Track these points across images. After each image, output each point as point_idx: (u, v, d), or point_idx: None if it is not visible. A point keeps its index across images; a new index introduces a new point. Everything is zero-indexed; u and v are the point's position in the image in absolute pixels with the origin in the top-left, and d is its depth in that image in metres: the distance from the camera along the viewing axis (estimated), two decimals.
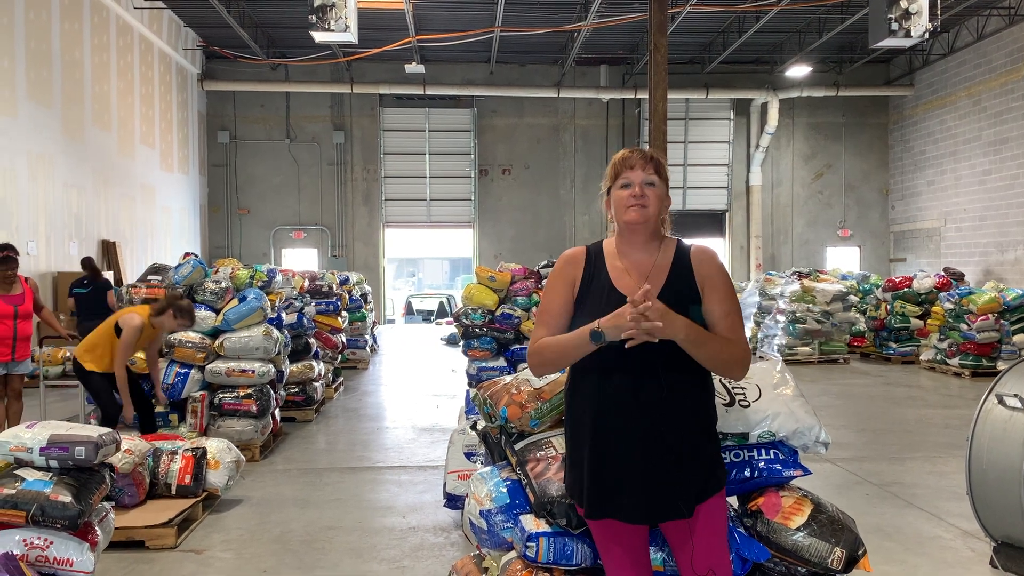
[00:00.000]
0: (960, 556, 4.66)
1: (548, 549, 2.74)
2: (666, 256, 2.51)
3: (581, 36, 18.49)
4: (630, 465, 2.38)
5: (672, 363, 2.37)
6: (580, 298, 2.50)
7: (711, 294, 2.45)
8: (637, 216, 2.45)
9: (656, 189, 2.48)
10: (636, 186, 2.46)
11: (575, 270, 2.55)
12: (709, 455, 2.48)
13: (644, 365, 2.36)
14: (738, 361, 2.40)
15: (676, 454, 2.38)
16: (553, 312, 2.52)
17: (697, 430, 2.44)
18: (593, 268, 2.53)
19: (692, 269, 2.47)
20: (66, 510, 3.34)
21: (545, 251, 21.23)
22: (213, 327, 6.96)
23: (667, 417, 2.37)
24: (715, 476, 2.48)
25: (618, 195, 2.51)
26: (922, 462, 6.87)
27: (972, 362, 12.04)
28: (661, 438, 2.37)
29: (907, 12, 13.58)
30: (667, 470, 2.38)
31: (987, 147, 18.93)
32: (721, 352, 2.36)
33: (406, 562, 4.58)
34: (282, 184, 22.50)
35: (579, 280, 2.52)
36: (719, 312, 2.43)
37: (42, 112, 12.96)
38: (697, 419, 2.45)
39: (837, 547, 2.76)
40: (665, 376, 2.37)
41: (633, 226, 2.48)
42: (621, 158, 2.53)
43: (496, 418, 3.16)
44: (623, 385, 2.39)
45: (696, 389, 2.45)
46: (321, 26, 13.29)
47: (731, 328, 2.42)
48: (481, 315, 8.37)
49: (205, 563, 4.58)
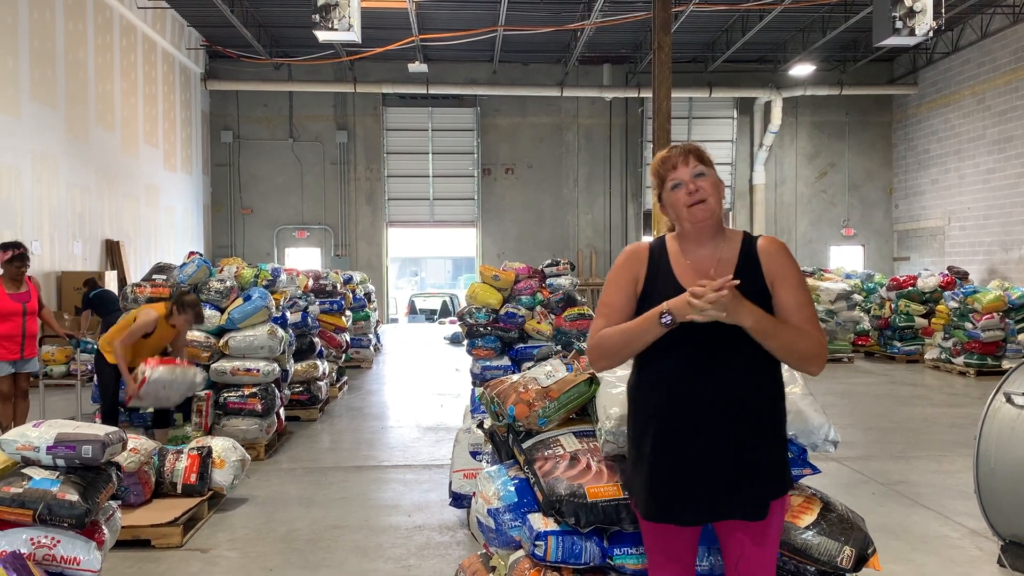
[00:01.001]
0: (968, 555, 4.64)
1: (557, 548, 2.73)
2: (731, 250, 2.42)
3: (584, 35, 18.47)
4: (694, 463, 2.31)
5: (741, 357, 2.30)
6: (644, 295, 2.42)
7: (782, 286, 2.35)
8: (703, 213, 2.37)
9: (708, 178, 2.38)
10: (688, 183, 2.37)
11: (639, 266, 2.46)
12: (777, 456, 2.40)
13: (711, 358, 2.30)
14: (814, 354, 2.30)
15: (743, 452, 2.31)
16: (615, 306, 2.43)
17: (765, 428, 2.36)
18: (656, 264, 2.45)
19: (760, 262, 2.39)
20: (73, 509, 3.33)
21: (548, 250, 21.22)
22: (218, 326, 6.96)
23: (734, 412, 2.30)
24: (781, 479, 2.41)
25: (673, 198, 2.40)
26: (928, 461, 6.85)
27: (977, 361, 12.01)
28: (728, 435, 2.30)
29: (911, 10, 13.56)
30: (733, 469, 2.31)
31: (991, 146, 18.89)
32: (795, 342, 2.27)
33: (412, 561, 4.57)
34: (285, 183, 22.51)
35: (643, 276, 2.44)
36: (793, 304, 2.34)
37: (46, 112, 12.96)
38: (765, 416, 2.36)
39: (847, 546, 2.74)
40: (733, 371, 2.30)
41: (700, 224, 2.39)
42: (661, 160, 2.44)
43: (503, 416, 3.15)
44: (689, 379, 2.32)
45: (767, 386, 2.37)
46: (324, 25, 13.30)
47: (807, 320, 2.32)
48: (485, 314, 8.35)
49: (211, 562, 4.57)
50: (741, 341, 2.27)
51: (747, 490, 2.33)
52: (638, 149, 22.96)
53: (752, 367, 2.33)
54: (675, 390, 2.34)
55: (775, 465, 2.40)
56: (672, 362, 2.35)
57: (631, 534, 2.75)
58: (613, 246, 23.21)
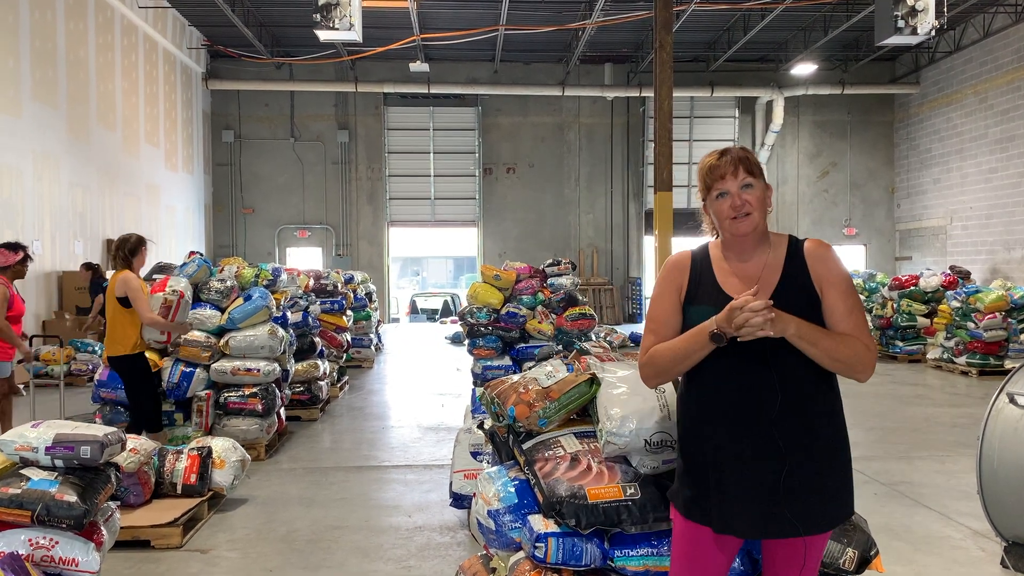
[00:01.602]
0: (970, 556, 4.62)
1: (557, 549, 2.72)
2: (777, 255, 2.37)
3: (586, 34, 18.45)
4: (759, 475, 2.24)
5: (790, 368, 2.24)
6: (688, 304, 2.39)
7: (830, 292, 2.30)
8: (745, 227, 2.32)
9: (755, 191, 2.32)
10: (734, 196, 2.32)
11: (681, 276, 2.43)
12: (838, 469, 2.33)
13: (760, 371, 2.25)
14: (862, 360, 2.24)
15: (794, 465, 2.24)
16: (661, 320, 2.40)
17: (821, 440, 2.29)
18: (699, 273, 2.41)
19: (807, 267, 2.33)
20: (71, 509, 3.32)
21: (550, 250, 21.21)
22: (218, 326, 6.94)
23: (786, 424, 2.23)
24: (840, 499, 2.34)
25: (717, 207, 2.36)
26: (931, 461, 6.83)
27: (979, 361, 11.98)
28: (779, 447, 2.23)
29: (913, 9, 13.53)
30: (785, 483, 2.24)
31: (993, 145, 18.85)
32: (839, 350, 2.20)
33: (412, 562, 4.56)
34: (286, 183, 22.50)
35: (686, 285, 2.41)
36: (842, 310, 2.28)
37: (47, 111, 12.96)
38: (820, 429, 2.29)
39: (849, 548, 2.73)
40: (782, 382, 2.23)
41: (742, 238, 2.35)
42: (709, 168, 2.37)
43: (504, 417, 3.14)
44: (739, 391, 2.27)
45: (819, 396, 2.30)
46: (325, 25, 13.29)
47: (856, 326, 2.27)
48: (487, 314, 8.34)
49: (211, 562, 4.56)
50: (789, 352, 2.22)
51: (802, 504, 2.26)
52: (639, 148, 22.95)
53: (802, 377, 2.27)
54: (725, 401, 2.29)
55: (837, 481, 2.33)
56: (721, 377, 2.30)
57: (632, 536, 2.73)
58: (614, 245, 23.20)
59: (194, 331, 6.80)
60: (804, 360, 2.23)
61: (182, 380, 6.66)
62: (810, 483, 2.26)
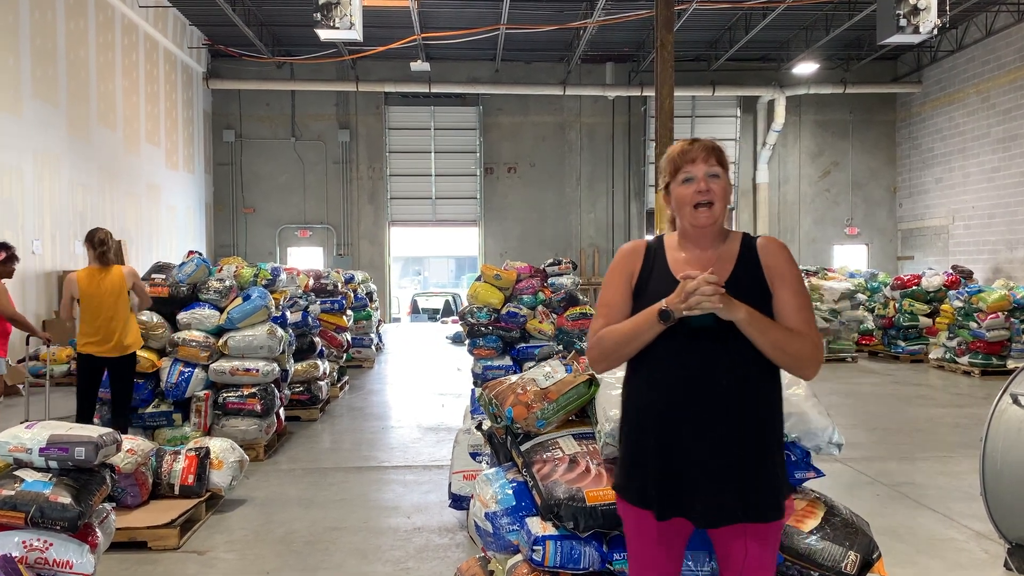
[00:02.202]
0: (974, 558, 4.58)
1: (555, 553, 2.68)
2: (731, 248, 2.39)
3: (587, 33, 18.40)
4: (702, 464, 2.25)
5: (737, 357, 2.25)
6: (639, 290, 2.39)
7: (782, 287, 2.32)
8: (706, 218, 2.33)
9: (720, 181, 2.33)
10: (700, 180, 2.32)
11: (634, 262, 2.44)
12: (774, 459, 2.32)
13: (709, 357, 2.26)
14: (809, 356, 2.26)
15: (744, 452, 2.25)
16: (612, 304, 2.41)
17: (764, 429, 2.30)
18: (653, 260, 2.42)
19: (760, 261, 2.35)
20: (66, 511, 3.30)
21: (551, 249, 21.17)
22: (217, 326, 6.92)
23: (734, 412, 2.25)
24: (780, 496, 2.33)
25: (680, 192, 2.35)
26: (933, 462, 6.79)
27: (982, 360, 11.94)
28: (724, 435, 2.25)
29: (915, 8, 13.50)
30: (735, 469, 2.25)
31: (996, 144, 18.79)
32: (788, 343, 2.22)
33: (411, 564, 4.53)
34: (287, 183, 22.48)
35: (637, 272, 2.42)
36: (793, 305, 2.30)
37: (47, 111, 12.94)
38: (765, 418, 2.31)
39: (851, 551, 2.69)
40: (729, 370, 2.25)
41: (701, 228, 2.35)
42: (680, 151, 2.37)
43: (502, 418, 3.10)
44: (688, 378, 2.27)
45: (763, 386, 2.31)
46: (326, 24, 13.27)
47: (804, 322, 2.28)
48: (487, 313, 8.32)
49: (208, 564, 4.53)
50: (738, 340, 2.23)
51: (760, 491, 2.26)
52: (641, 148, 22.90)
53: (750, 366, 2.27)
54: (674, 390, 2.29)
55: (780, 466, 2.35)
56: (669, 361, 2.30)
57: None
58: (616, 245, 23.14)
59: (193, 331, 6.78)
60: (752, 350, 2.24)
61: (180, 380, 6.64)
62: (756, 471, 2.27)
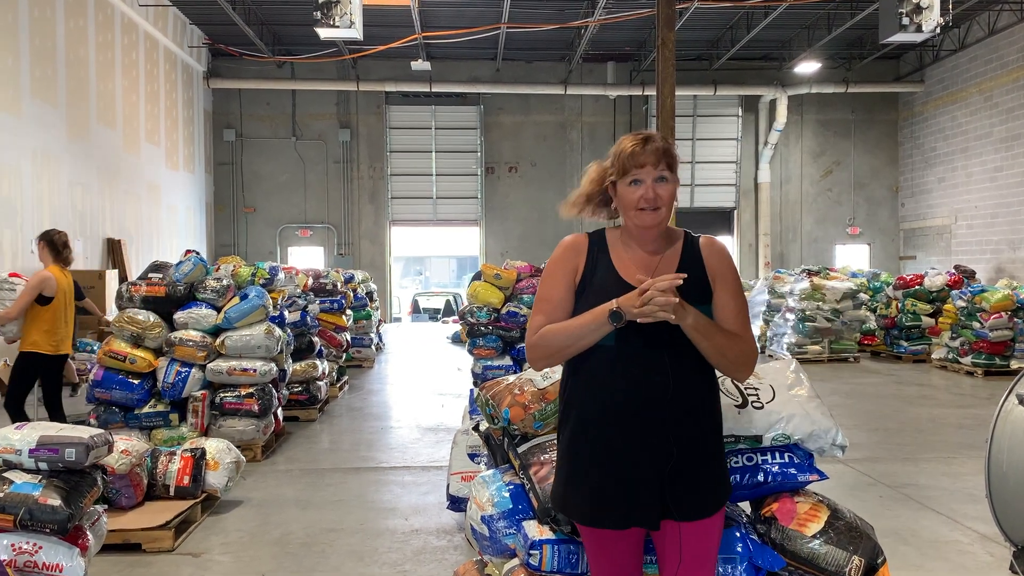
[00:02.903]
0: (979, 561, 4.53)
1: (552, 557, 2.62)
2: (674, 248, 2.37)
3: (588, 32, 18.35)
4: (637, 466, 2.22)
5: (678, 359, 2.23)
6: (582, 287, 2.35)
7: (722, 289, 2.32)
8: (651, 221, 2.29)
9: (669, 185, 2.29)
10: (648, 188, 2.27)
11: (577, 258, 2.39)
12: (716, 460, 2.34)
13: (648, 360, 2.22)
14: (747, 359, 2.28)
15: (682, 453, 2.22)
16: (554, 301, 2.36)
17: (705, 430, 2.30)
18: (596, 257, 2.38)
19: (703, 262, 2.34)
20: (55, 514, 3.24)
21: (552, 249, 20.90)
22: (214, 325, 6.86)
23: (674, 414, 2.22)
24: (719, 489, 2.33)
25: (627, 194, 2.30)
26: (937, 463, 6.73)
27: (985, 361, 11.87)
28: (667, 436, 2.21)
29: (918, 7, 13.44)
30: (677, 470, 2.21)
31: (998, 143, 18.72)
32: (729, 347, 2.23)
33: (408, 566, 4.47)
34: (288, 182, 22.43)
35: (581, 268, 2.37)
36: (733, 308, 2.30)
37: (47, 110, 12.89)
38: (704, 419, 2.30)
39: (855, 555, 2.63)
40: (671, 372, 2.22)
41: (646, 230, 2.32)
42: (630, 154, 2.29)
43: (498, 419, 3.05)
44: (627, 380, 2.23)
45: (703, 388, 2.30)
46: (326, 22, 13.22)
47: (743, 326, 2.29)
48: (487, 313, 8.26)
49: (202, 566, 4.48)
50: (678, 342, 2.21)
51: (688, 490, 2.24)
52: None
53: (690, 367, 2.25)
54: (614, 391, 2.25)
55: (716, 472, 2.33)
56: (609, 362, 2.26)
57: None
58: None
59: (190, 330, 6.72)
60: (693, 353, 2.23)
61: (177, 380, 6.58)
62: (697, 472, 2.26)
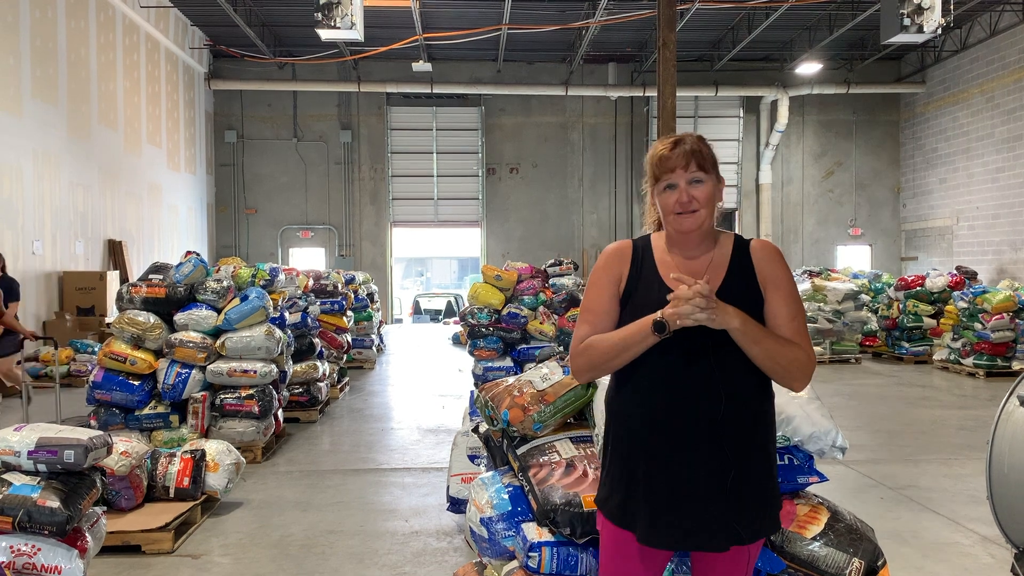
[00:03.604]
0: (980, 563, 4.51)
1: (551, 559, 2.62)
2: (723, 252, 2.27)
3: (589, 33, 18.34)
4: (692, 484, 2.13)
5: (727, 369, 2.14)
6: (626, 296, 2.25)
7: (775, 294, 2.21)
8: (690, 225, 2.20)
9: (704, 187, 2.20)
10: (682, 191, 2.19)
11: (621, 265, 2.29)
12: (770, 479, 2.23)
13: (701, 371, 2.13)
14: (802, 368, 2.14)
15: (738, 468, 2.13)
16: (598, 310, 2.26)
17: (757, 449, 2.19)
18: (641, 263, 2.28)
19: (753, 266, 2.24)
20: (54, 516, 3.24)
21: (553, 250, 21.10)
22: (214, 326, 6.85)
23: (727, 428, 2.13)
24: (773, 512, 2.23)
25: (663, 200, 2.23)
26: (938, 464, 6.72)
27: (987, 362, 11.85)
28: (723, 453, 2.12)
29: (919, 8, 13.41)
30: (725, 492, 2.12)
31: (1000, 144, 18.70)
32: (781, 353, 2.11)
33: (407, 568, 4.46)
34: (289, 183, 22.44)
35: (626, 276, 2.27)
36: (786, 314, 2.19)
37: (48, 110, 12.90)
38: (757, 436, 2.19)
39: (855, 558, 2.62)
40: (721, 383, 2.13)
41: (686, 234, 2.23)
42: (659, 159, 2.23)
43: (498, 421, 3.04)
44: (678, 392, 2.14)
45: (757, 397, 2.20)
46: (327, 23, 13.22)
47: (798, 332, 2.17)
48: (487, 314, 8.26)
49: (202, 568, 4.47)
50: (729, 353, 2.12)
51: (750, 514, 2.15)
52: (644, 148, 22.78)
53: (743, 381, 2.16)
54: (664, 406, 2.16)
55: (771, 492, 2.23)
56: (659, 374, 2.17)
57: None
58: None
59: (190, 332, 6.72)
60: (745, 361, 2.13)
61: (177, 381, 6.57)
62: (752, 489, 2.16)
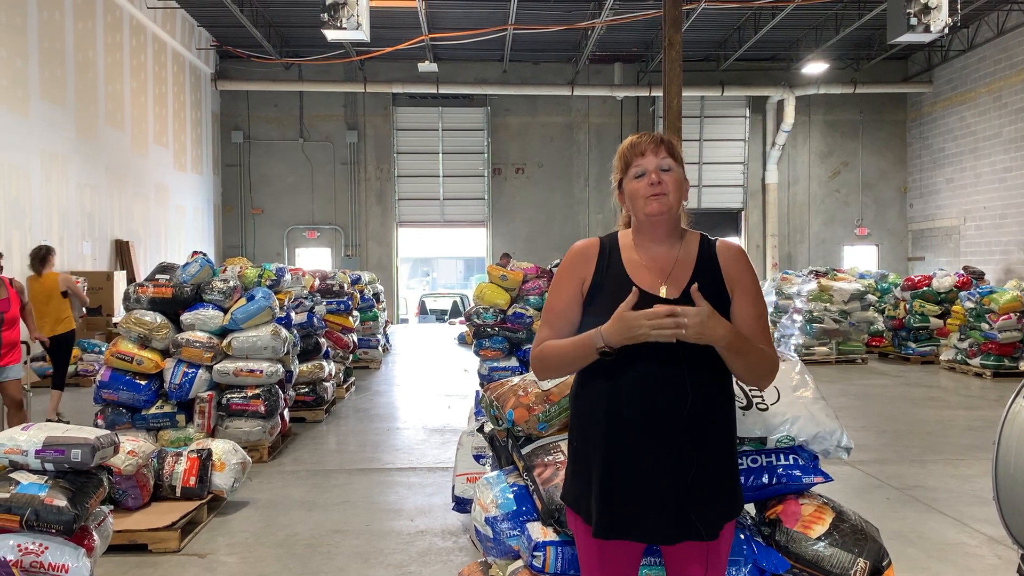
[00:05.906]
0: (986, 564, 4.50)
1: (556, 559, 2.62)
2: (689, 251, 2.26)
3: (595, 33, 18.34)
4: (649, 479, 2.11)
5: (695, 367, 2.12)
6: (591, 294, 2.23)
7: (742, 296, 2.21)
8: (658, 207, 2.19)
9: (673, 174, 2.21)
10: (651, 173, 2.19)
11: (586, 265, 2.27)
12: (732, 470, 2.24)
13: (663, 369, 2.11)
14: (771, 371, 2.18)
15: (700, 466, 2.12)
16: (558, 311, 2.26)
17: (722, 441, 2.19)
18: (607, 261, 2.26)
19: (720, 266, 2.24)
20: (61, 514, 3.26)
21: (559, 250, 21.07)
22: (221, 326, 6.87)
23: (691, 425, 2.11)
24: (736, 499, 2.25)
25: (632, 187, 2.22)
26: (944, 465, 6.70)
27: (994, 362, 11.82)
28: (684, 448, 2.11)
29: (926, 7, 13.38)
30: (691, 484, 2.11)
31: (1008, 144, 18.63)
32: (760, 363, 2.14)
33: (413, 567, 4.47)
34: (296, 184, 22.48)
35: (591, 275, 2.25)
36: (752, 315, 2.20)
37: (55, 111, 12.95)
38: (721, 429, 2.19)
39: (860, 558, 2.62)
40: (690, 380, 2.10)
41: (654, 219, 2.21)
42: (629, 145, 2.26)
43: (503, 421, 3.05)
44: (641, 389, 2.12)
45: (720, 396, 2.19)
46: (333, 24, 13.24)
47: (763, 333, 2.19)
48: (493, 314, 8.26)
49: (208, 567, 4.49)
50: (697, 352, 2.10)
51: (707, 507, 2.15)
52: None
53: (706, 377, 2.14)
54: (625, 401, 2.14)
55: (733, 482, 2.24)
56: (621, 372, 2.14)
57: None
58: None
59: (196, 331, 6.74)
60: (710, 359, 2.12)
61: (184, 381, 6.59)
62: (713, 486, 2.16)
